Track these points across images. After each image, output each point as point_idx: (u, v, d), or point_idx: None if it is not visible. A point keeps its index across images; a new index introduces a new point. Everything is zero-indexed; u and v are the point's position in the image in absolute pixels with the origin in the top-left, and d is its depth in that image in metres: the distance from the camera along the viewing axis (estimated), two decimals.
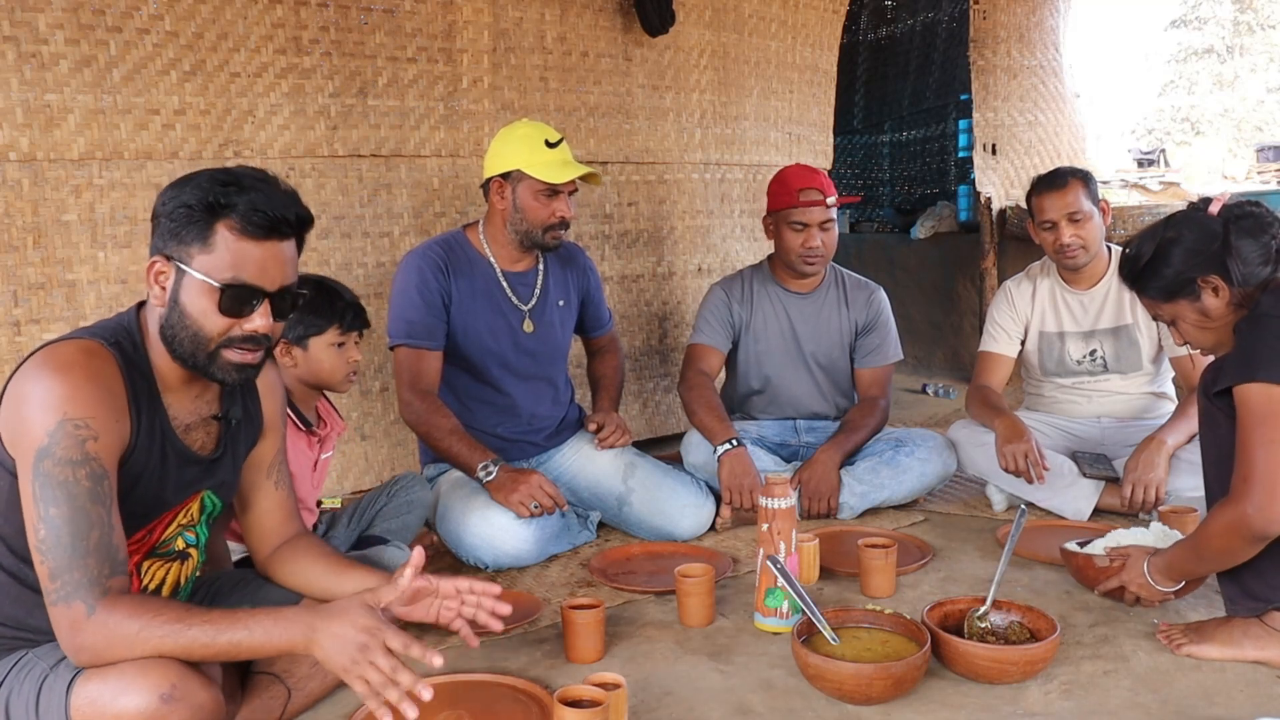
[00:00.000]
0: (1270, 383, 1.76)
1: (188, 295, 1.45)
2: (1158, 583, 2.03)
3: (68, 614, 1.35)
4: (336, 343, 2.18)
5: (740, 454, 2.75)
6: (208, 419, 1.60)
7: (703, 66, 4.01)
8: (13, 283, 2.56)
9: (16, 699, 1.41)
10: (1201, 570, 1.98)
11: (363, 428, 3.13)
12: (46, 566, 1.36)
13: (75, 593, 1.34)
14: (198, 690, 1.36)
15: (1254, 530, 1.77)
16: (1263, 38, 22.64)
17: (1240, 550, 1.82)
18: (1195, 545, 1.94)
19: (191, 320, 1.46)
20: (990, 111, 5.09)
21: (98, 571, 1.36)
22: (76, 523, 1.35)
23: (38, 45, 2.54)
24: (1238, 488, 1.80)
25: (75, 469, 1.36)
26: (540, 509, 2.46)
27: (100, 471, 1.39)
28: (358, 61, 3.06)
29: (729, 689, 1.85)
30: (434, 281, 2.60)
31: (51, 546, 1.35)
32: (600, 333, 3.04)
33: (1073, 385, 2.99)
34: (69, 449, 1.36)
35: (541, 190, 2.58)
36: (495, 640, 2.08)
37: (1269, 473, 1.75)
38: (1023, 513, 2.13)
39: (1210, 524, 1.87)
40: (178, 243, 1.45)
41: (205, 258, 1.44)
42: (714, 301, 3.11)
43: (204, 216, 1.44)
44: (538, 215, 2.60)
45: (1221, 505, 1.84)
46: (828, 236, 2.95)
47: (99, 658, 1.36)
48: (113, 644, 1.35)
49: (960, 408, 4.53)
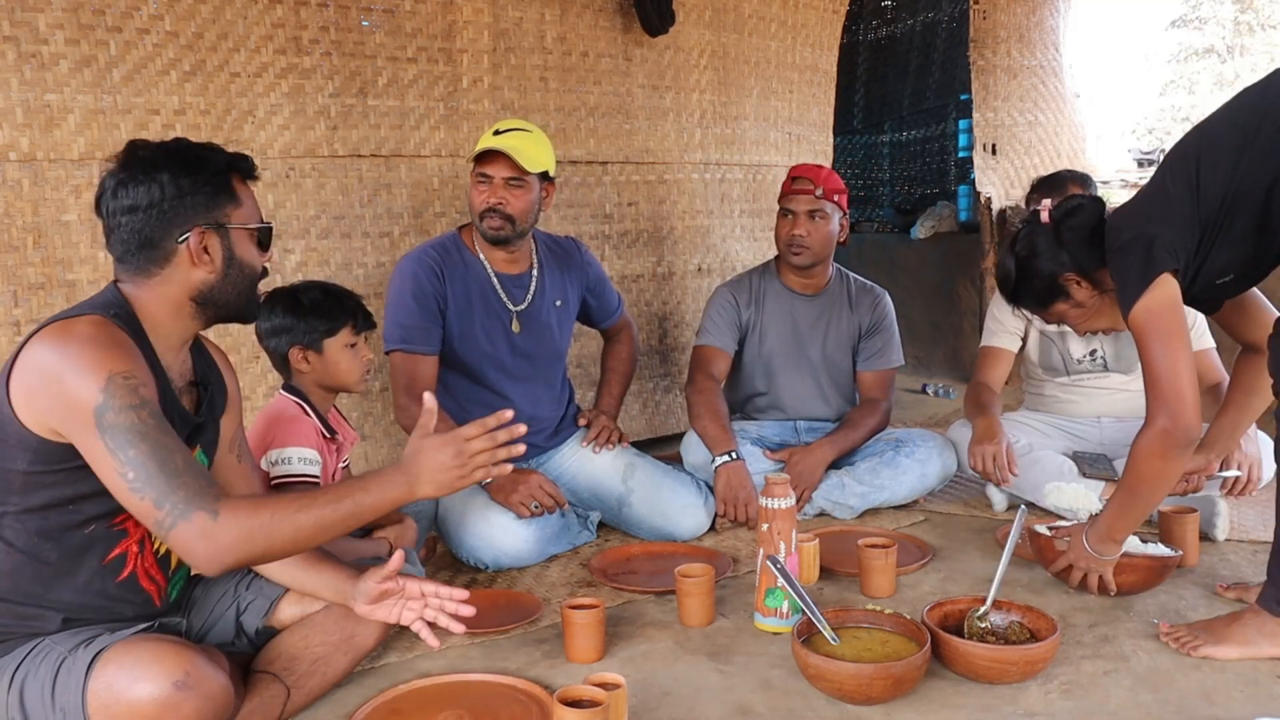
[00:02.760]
0: (1134, 301, 1.87)
1: (240, 248, 1.60)
2: (1100, 551, 2.06)
3: (191, 529, 1.38)
4: (350, 343, 2.19)
5: (738, 468, 2.74)
6: (189, 384, 1.66)
7: (703, 66, 4.01)
8: (13, 283, 2.56)
9: (32, 684, 1.42)
10: (1140, 508, 2.00)
11: (363, 428, 3.13)
12: (149, 500, 1.38)
13: (190, 507, 1.38)
14: (210, 678, 1.39)
15: (1176, 441, 1.84)
16: (1263, 38, 22.62)
17: (1171, 469, 1.90)
18: (1125, 486, 1.99)
19: (248, 268, 1.62)
20: (990, 111, 5.09)
21: (199, 486, 1.40)
22: (159, 454, 1.40)
23: (38, 45, 2.54)
24: (1150, 409, 1.89)
25: (138, 411, 1.40)
26: (540, 509, 2.46)
27: (159, 411, 1.44)
28: (358, 61, 3.06)
29: (729, 689, 1.85)
30: (428, 286, 2.60)
31: (145, 480, 1.38)
32: (610, 321, 3.03)
33: (1073, 384, 2.99)
34: (125, 396, 1.40)
35: (475, 174, 2.57)
36: (495, 640, 2.08)
37: (1172, 381, 1.84)
38: (1023, 513, 2.12)
39: (1135, 455, 1.93)
40: (211, 210, 1.57)
41: (240, 211, 1.60)
42: (721, 303, 3.10)
43: (225, 179, 1.59)
44: (473, 201, 2.59)
45: (1140, 433, 1.91)
46: (815, 227, 2.94)
47: (240, 557, 1.42)
48: (252, 537, 1.40)
49: (960, 408, 4.53)
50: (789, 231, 2.96)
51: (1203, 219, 1.87)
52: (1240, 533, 2.63)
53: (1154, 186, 1.99)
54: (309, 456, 2.08)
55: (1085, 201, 2.16)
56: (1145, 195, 2.02)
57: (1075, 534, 2.12)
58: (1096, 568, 2.09)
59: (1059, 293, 2.14)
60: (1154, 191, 1.98)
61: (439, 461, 1.50)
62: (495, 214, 2.56)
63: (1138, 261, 1.89)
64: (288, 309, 2.15)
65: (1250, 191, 1.82)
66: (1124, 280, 1.93)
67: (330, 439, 2.19)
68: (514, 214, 2.57)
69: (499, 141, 2.51)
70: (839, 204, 2.98)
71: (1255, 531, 2.63)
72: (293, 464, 2.05)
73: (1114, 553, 2.06)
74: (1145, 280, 1.86)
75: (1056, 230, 2.12)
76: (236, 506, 1.41)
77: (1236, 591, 2.18)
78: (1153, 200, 1.97)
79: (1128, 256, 1.93)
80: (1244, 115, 1.87)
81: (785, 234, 2.98)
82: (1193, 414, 1.84)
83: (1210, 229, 1.88)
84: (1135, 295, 1.87)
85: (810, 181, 2.94)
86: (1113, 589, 2.12)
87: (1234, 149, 1.84)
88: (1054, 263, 2.12)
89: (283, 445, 2.05)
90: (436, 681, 1.87)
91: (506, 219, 2.57)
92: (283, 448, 2.04)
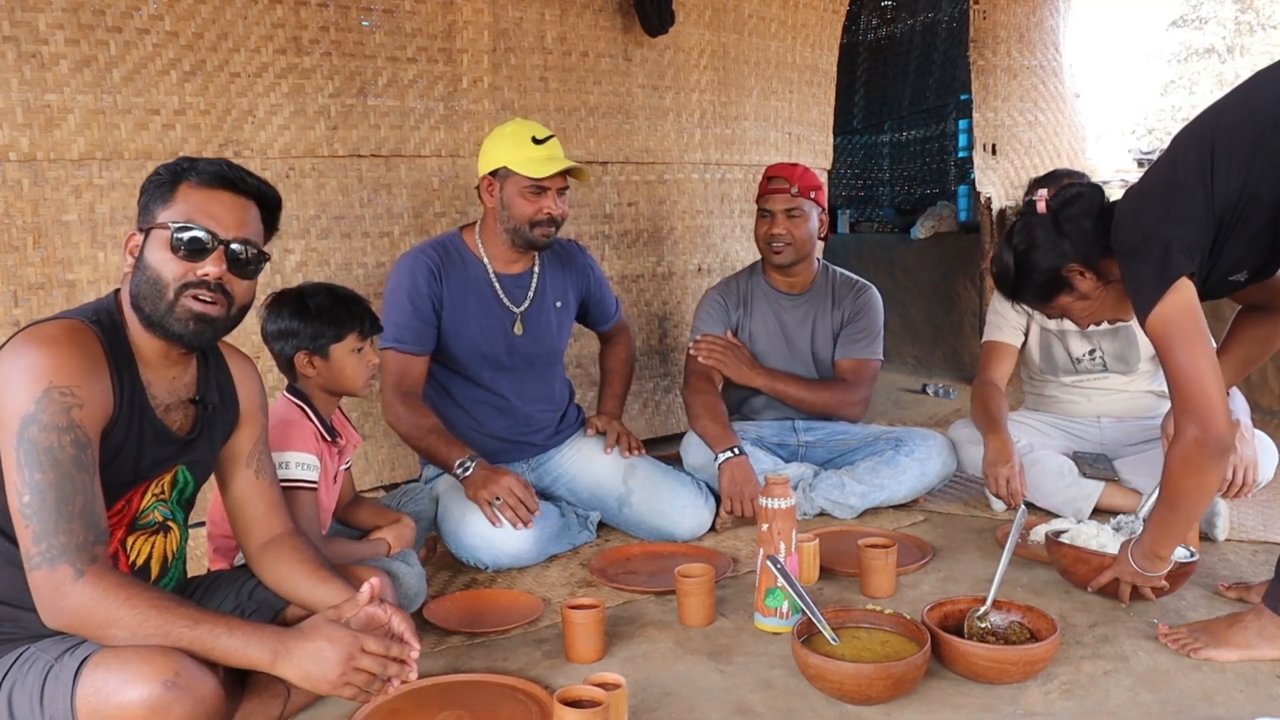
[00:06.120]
0: (1151, 307, 1.80)
1: (150, 250, 1.52)
2: (1146, 569, 2.02)
3: (52, 577, 1.36)
4: (356, 348, 2.19)
5: (741, 462, 2.75)
6: (185, 402, 1.63)
7: (703, 66, 4.01)
8: (13, 283, 2.56)
9: (20, 692, 1.41)
10: (1181, 523, 1.93)
11: (363, 428, 3.13)
12: (30, 531, 1.37)
13: (61, 556, 1.36)
14: (201, 680, 1.38)
15: (1210, 450, 1.78)
16: (1263, 38, 22.61)
17: (1208, 479, 1.83)
18: (1165, 503, 1.92)
19: (152, 271, 1.51)
20: (990, 111, 5.09)
21: (84, 537, 1.38)
22: (62, 488, 1.37)
23: (38, 45, 2.54)
24: (1178, 420, 1.82)
25: (60, 435, 1.38)
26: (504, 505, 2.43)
27: (84, 439, 1.41)
28: (358, 61, 3.06)
29: (729, 689, 1.85)
30: (425, 287, 2.60)
31: (36, 511, 1.36)
32: (608, 325, 3.04)
33: (1073, 384, 2.98)
34: (55, 415, 1.38)
35: (528, 187, 2.57)
36: (495, 640, 2.08)
37: (1199, 387, 1.77)
38: (1023, 513, 2.12)
39: (1170, 470, 1.87)
40: (147, 213, 1.54)
41: (166, 213, 1.52)
42: (711, 306, 3.12)
43: (169, 180, 1.54)
44: (524, 212, 2.59)
45: (1172, 446, 1.85)
46: (793, 225, 2.96)
47: (79, 624, 1.37)
48: (95, 612, 1.36)
49: (960, 407, 4.53)
50: (767, 231, 2.99)
51: (1217, 216, 1.79)
52: (1240, 533, 2.63)
53: (1164, 177, 1.89)
54: (307, 462, 2.08)
55: (1084, 189, 2.08)
56: (1155, 187, 1.92)
57: (1121, 549, 2.09)
58: (1143, 583, 2.05)
59: (1062, 285, 2.05)
60: (1165, 184, 1.88)
61: (323, 655, 1.41)
62: (552, 223, 2.62)
63: (1154, 265, 1.81)
64: (294, 313, 2.14)
65: (1265, 190, 1.75)
66: (1139, 284, 1.85)
67: (331, 442, 2.19)
68: (560, 219, 2.65)
69: (562, 159, 2.57)
70: (816, 200, 3.01)
71: (1255, 531, 2.63)
72: (290, 469, 2.04)
73: (1161, 569, 2.01)
74: (1163, 285, 1.79)
75: (1055, 220, 2.03)
76: (102, 578, 1.37)
77: (1237, 591, 2.18)
78: (1165, 194, 1.87)
79: (1143, 259, 1.84)
80: (1260, 109, 1.77)
81: (764, 233, 3.01)
82: (1224, 420, 1.77)
83: (1225, 226, 1.80)
84: (1152, 301, 1.80)
85: (785, 180, 2.97)
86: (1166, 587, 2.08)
87: (1249, 144, 1.75)
88: (1055, 254, 2.02)
89: (282, 450, 2.04)
90: (436, 681, 1.87)
91: (556, 225, 2.64)
92: (282, 452, 2.04)
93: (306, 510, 2.04)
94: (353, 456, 2.37)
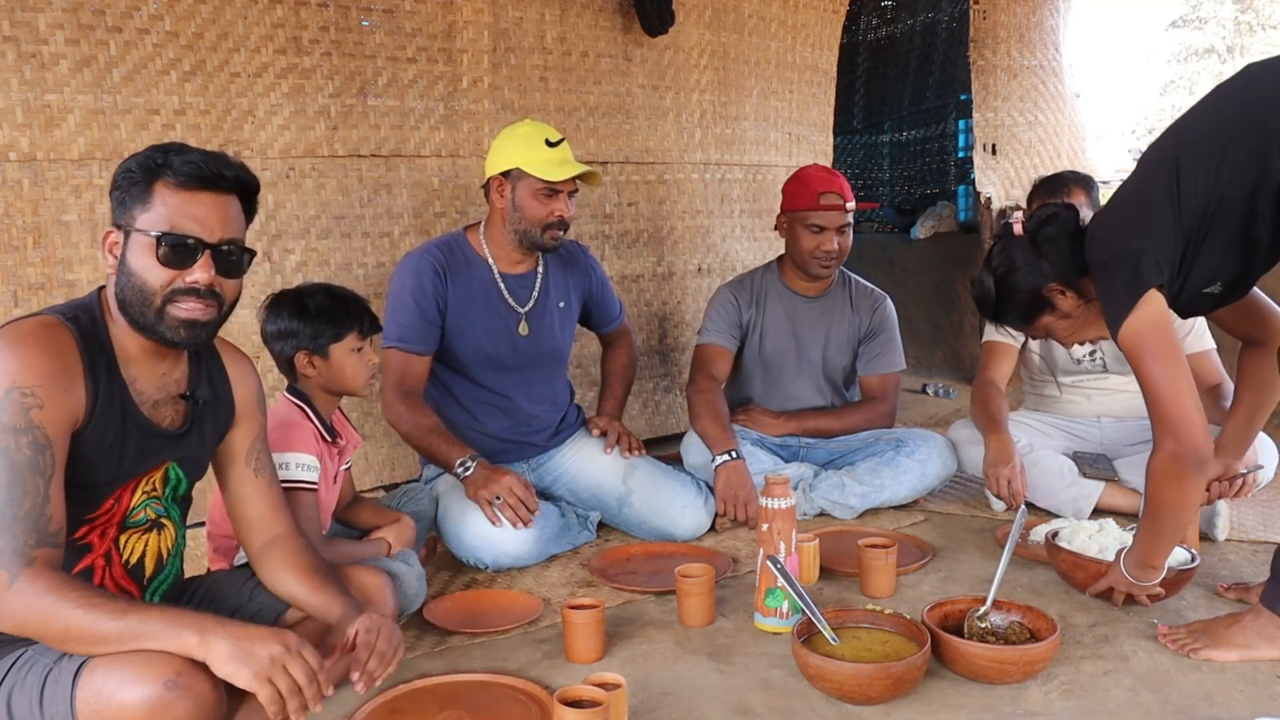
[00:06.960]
0: (1122, 321, 1.83)
1: (133, 254, 1.49)
2: (1140, 578, 2.03)
3: None
4: (356, 348, 2.19)
5: (738, 467, 2.74)
6: (175, 397, 1.62)
7: (703, 66, 4.01)
8: (13, 283, 2.56)
9: (19, 695, 1.41)
10: (1168, 534, 1.95)
11: (363, 428, 3.13)
12: None
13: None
14: (201, 679, 1.37)
15: (1187, 463, 1.80)
16: (1263, 38, 22.61)
17: (1188, 491, 1.85)
18: (1149, 514, 1.94)
19: (137, 277, 1.49)
20: (990, 111, 5.09)
21: (24, 540, 1.36)
22: (11, 489, 1.36)
23: (38, 45, 2.54)
24: (1155, 433, 1.84)
25: (18, 436, 1.37)
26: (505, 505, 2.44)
27: (43, 441, 1.40)
28: (358, 61, 3.06)
29: (729, 689, 1.85)
30: (429, 287, 2.60)
31: None
32: (610, 327, 3.04)
33: (1073, 384, 2.99)
34: (13, 417, 1.37)
35: (540, 189, 2.57)
36: (495, 640, 2.08)
37: (1174, 401, 1.79)
38: (1023, 513, 2.12)
39: (1150, 483, 1.89)
40: (124, 210, 1.50)
41: (146, 215, 1.48)
42: (723, 302, 3.10)
43: (144, 178, 1.49)
44: (536, 214, 2.59)
45: (1151, 460, 1.87)
46: (844, 240, 2.97)
47: (19, 627, 1.36)
48: (30, 614, 1.35)
49: (960, 408, 4.53)
50: (820, 248, 2.94)
51: (1185, 229, 1.82)
52: (1240, 533, 2.63)
53: (1132, 194, 1.94)
54: (306, 463, 2.08)
55: (1058, 210, 2.11)
56: (1124, 204, 1.96)
57: (1114, 561, 2.10)
58: (1137, 591, 2.06)
59: (1043, 305, 2.09)
60: (1133, 200, 1.93)
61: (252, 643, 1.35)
62: (562, 226, 2.63)
63: (1124, 279, 1.84)
64: (294, 313, 2.14)
65: (1231, 201, 1.77)
66: (1110, 298, 1.88)
67: (331, 442, 2.19)
68: (569, 220, 2.66)
69: (575, 163, 2.60)
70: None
71: (1255, 531, 2.63)
72: (290, 470, 2.04)
73: (1155, 578, 2.02)
74: (1133, 298, 1.82)
75: (1033, 241, 2.07)
76: (34, 580, 1.35)
77: (1237, 591, 2.18)
78: (1133, 210, 1.91)
79: (1113, 273, 1.88)
80: (1223, 119, 1.80)
81: (815, 249, 2.95)
82: (1199, 432, 1.79)
83: (1194, 239, 1.83)
84: (1123, 314, 1.83)
85: (839, 197, 2.92)
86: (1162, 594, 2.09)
87: (1214, 156, 1.78)
88: (1035, 275, 2.06)
89: (282, 450, 2.04)
90: (436, 681, 1.87)
91: (566, 228, 2.66)
92: (282, 453, 2.04)
93: (307, 511, 2.04)
94: (353, 457, 2.37)
